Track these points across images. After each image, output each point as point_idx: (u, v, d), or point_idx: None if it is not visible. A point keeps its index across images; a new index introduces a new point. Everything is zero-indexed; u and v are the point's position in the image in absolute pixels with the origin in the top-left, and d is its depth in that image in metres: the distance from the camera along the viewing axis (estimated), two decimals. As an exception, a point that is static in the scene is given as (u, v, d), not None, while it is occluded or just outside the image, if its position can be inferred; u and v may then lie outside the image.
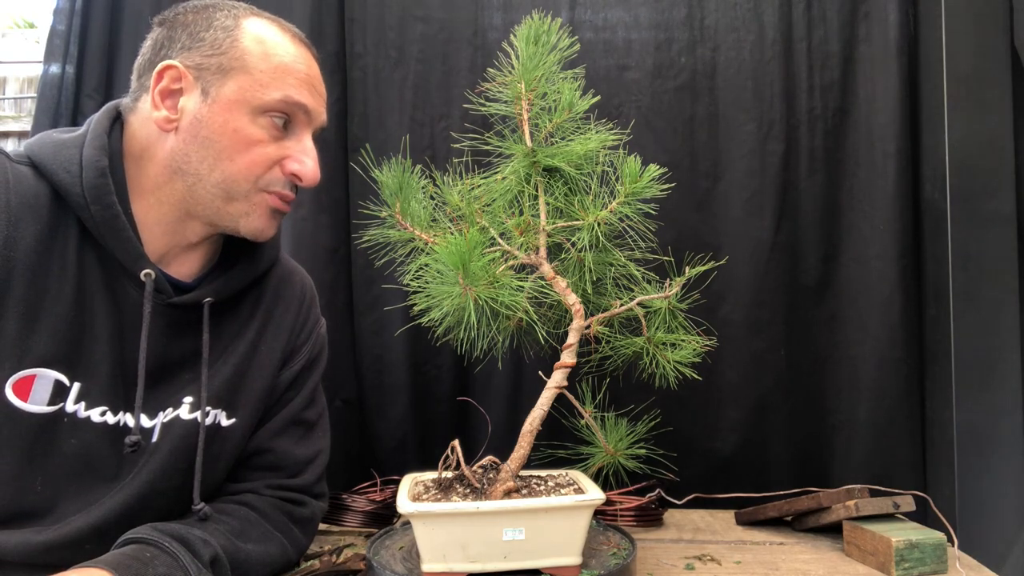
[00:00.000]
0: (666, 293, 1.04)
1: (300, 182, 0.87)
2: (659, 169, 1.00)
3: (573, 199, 1.03)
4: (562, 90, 1.02)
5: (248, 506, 0.91)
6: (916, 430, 1.35)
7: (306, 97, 0.85)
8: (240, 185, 0.83)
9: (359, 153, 1.45)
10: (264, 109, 0.83)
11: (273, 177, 0.85)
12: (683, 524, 1.24)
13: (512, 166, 1.02)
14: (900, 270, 1.35)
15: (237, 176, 0.83)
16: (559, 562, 0.87)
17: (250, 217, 0.85)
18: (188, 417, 0.87)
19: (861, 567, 1.01)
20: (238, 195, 0.84)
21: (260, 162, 0.83)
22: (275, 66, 0.83)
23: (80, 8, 1.42)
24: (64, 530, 0.79)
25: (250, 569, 0.85)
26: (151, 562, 0.74)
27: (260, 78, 0.82)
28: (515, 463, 0.94)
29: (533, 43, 1.01)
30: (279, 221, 0.90)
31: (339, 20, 1.46)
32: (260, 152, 0.83)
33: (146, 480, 0.83)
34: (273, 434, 0.97)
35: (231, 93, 0.81)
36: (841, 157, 1.41)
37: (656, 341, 1.04)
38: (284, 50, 0.85)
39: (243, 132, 0.82)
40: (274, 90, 0.83)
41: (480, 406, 1.32)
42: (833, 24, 1.41)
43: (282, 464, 0.97)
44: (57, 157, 0.80)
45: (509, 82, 1.03)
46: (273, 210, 0.87)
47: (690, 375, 1.03)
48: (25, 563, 0.78)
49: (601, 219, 0.99)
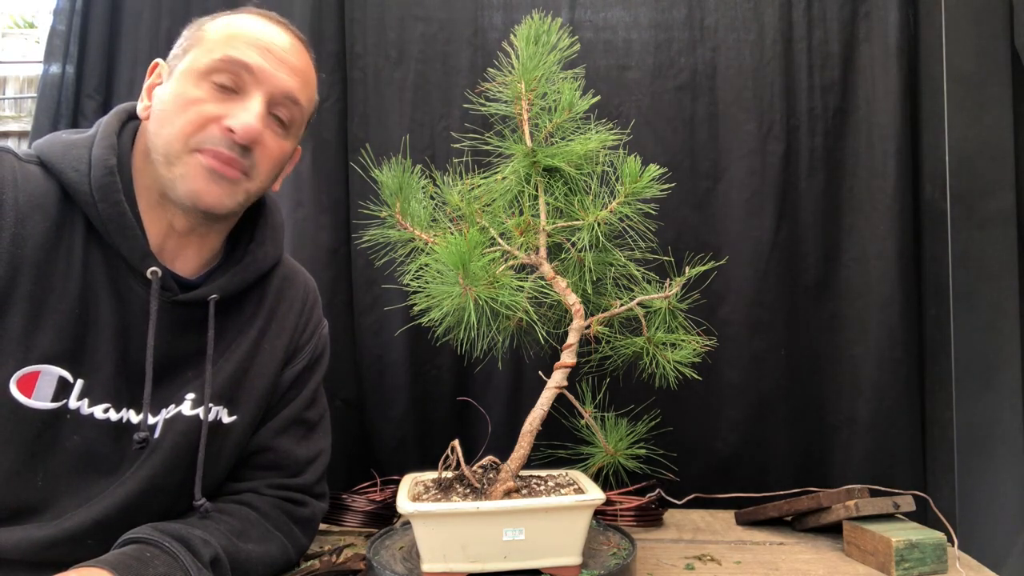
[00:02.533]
0: (666, 293, 1.04)
1: (234, 135, 0.83)
2: (659, 169, 1.00)
3: (573, 199, 1.02)
4: (562, 90, 1.02)
5: (249, 506, 0.92)
6: (916, 430, 1.35)
7: (251, 57, 0.84)
8: (174, 146, 0.82)
9: (359, 153, 1.45)
10: (207, 71, 0.83)
11: (207, 135, 0.83)
12: (683, 524, 1.24)
13: (512, 166, 1.02)
14: (900, 270, 1.35)
15: (171, 137, 0.82)
16: (559, 562, 0.87)
17: (185, 179, 0.83)
18: (190, 413, 0.87)
19: (861, 567, 1.01)
20: (173, 157, 0.82)
21: (193, 120, 0.82)
22: (228, 34, 0.85)
23: (80, 8, 1.42)
24: (65, 525, 0.79)
25: (251, 569, 0.86)
26: (151, 562, 0.74)
27: (208, 46, 0.84)
28: (515, 463, 0.94)
29: (533, 43, 1.01)
30: (224, 188, 0.85)
31: (339, 20, 1.46)
32: (195, 110, 0.82)
33: (147, 476, 0.84)
34: (275, 433, 0.97)
35: (184, 66, 0.85)
36: (841, 157, 1.41)
37: (656, 341, 1.04)
38: (243, 23, 0.87)
39: (184, 95, 0.83)
40: (217, 52, 0.84)
41: (480, 406, 1.32)
42: (833, 24, 1.41)
43: (283, 463, 0.97)
44: (66, 156, 0.82)
45: (509, 82, 1.03)
46: (209, 171, 0.83)
47: (690, 375, 1.03)
48: (26, 560, 0.78)
49: (601, 219, 1.00)
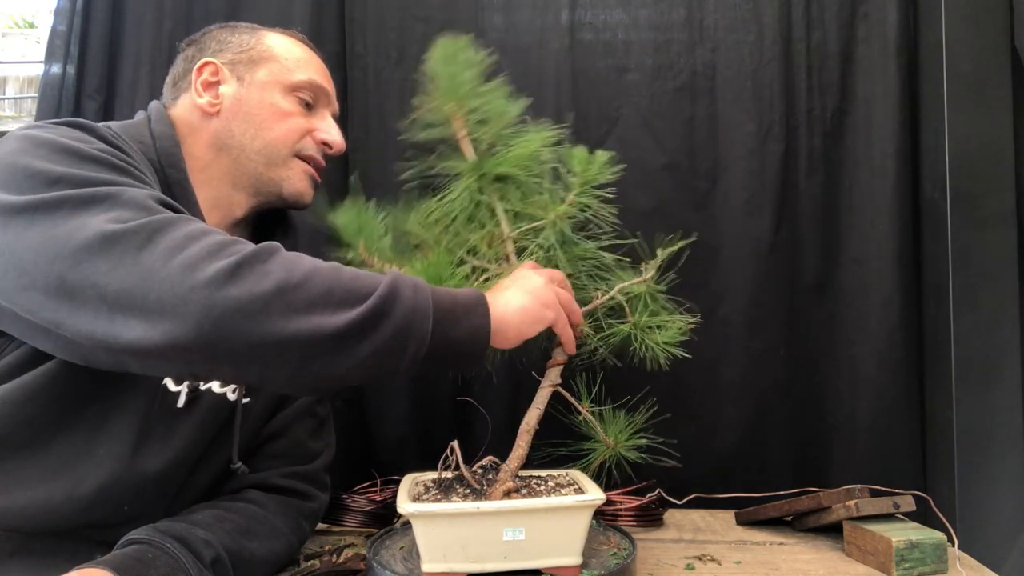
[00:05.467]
0: (643, 277, 1.05)
1: (330, 150, 1.02)
2: (609, 153, 1.03)
3: (530, 201, 1.04)
4: (492, 100, 1.04)
5: (255, 503, 0.93)
6: (916, 430, 1.35)
7: (325, 82, 1.02)
8: (279, 150, 0.96)
9: (359, 153, 1.45)
10: (293, 88, 0.98)
11: (306, 144, 0.99)
12: (683, 524, 1.24)
13: (463, 182, 1.03)
14: (900, 270, 1.35)
15: (276, 142, 0.96)
16: (559, 562, 0.87)
17: (291, 180, 0.98)
18: (219, 391, 0.92)
19: (861, 567, 1.01)
20: (278, 160, 0.96)
21: (295, 130, 0.97)
22: (297, 57, 1.00)
23: (80, 8, 1.42)
24: (102, 479, 0.80)
25: (254, 568, 0.86)
26: (153, 563, 0.74)
27: (287, 64, 0.98)
28: (514, 463, 0.94)
29: (453, 62, 1.02)
30: (313, 187, 1.02)
31: (339, 20, 1.46)
32: (293, 122, 0.97)
33: (182, 446, 0.88)
34: (288, 420, 1.02)
35: (264, 76, 0.97)
36: (841, 157, 1.41)
37: (642, 325, 1.04)
38: (300, 48, 1.02)
39: (277, 106, 0.96)
40: (300, 73, 0.98)
41: (480, 406, 1.32)
42: (832, 25, 1.41)
43: (295, 452, 1.01)
44: (128, 131, 0.87)
45: (436, 106, 1.04)
46: (310, 175, 1.00)
47: (680, 355, 1.03)
48: (56, 530, 0.79)
49: (562, 213, 1.02)
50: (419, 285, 0.75)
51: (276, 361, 0.67)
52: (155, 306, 0.63)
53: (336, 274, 0.71)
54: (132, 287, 0.64)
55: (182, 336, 0.63)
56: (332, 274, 0.70)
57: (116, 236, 0.65)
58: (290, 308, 0.66)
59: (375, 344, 0.69)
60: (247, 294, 0.64)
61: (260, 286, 0.65)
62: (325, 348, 0.67)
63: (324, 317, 0.67)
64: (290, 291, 0.66)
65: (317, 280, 0.68)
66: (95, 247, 0.65)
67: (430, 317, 0.73)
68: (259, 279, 0.66)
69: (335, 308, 0.68)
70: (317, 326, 0.66)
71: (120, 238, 0.65)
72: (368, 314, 0.69)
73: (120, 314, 0.64)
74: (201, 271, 0.64)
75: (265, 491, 0.96)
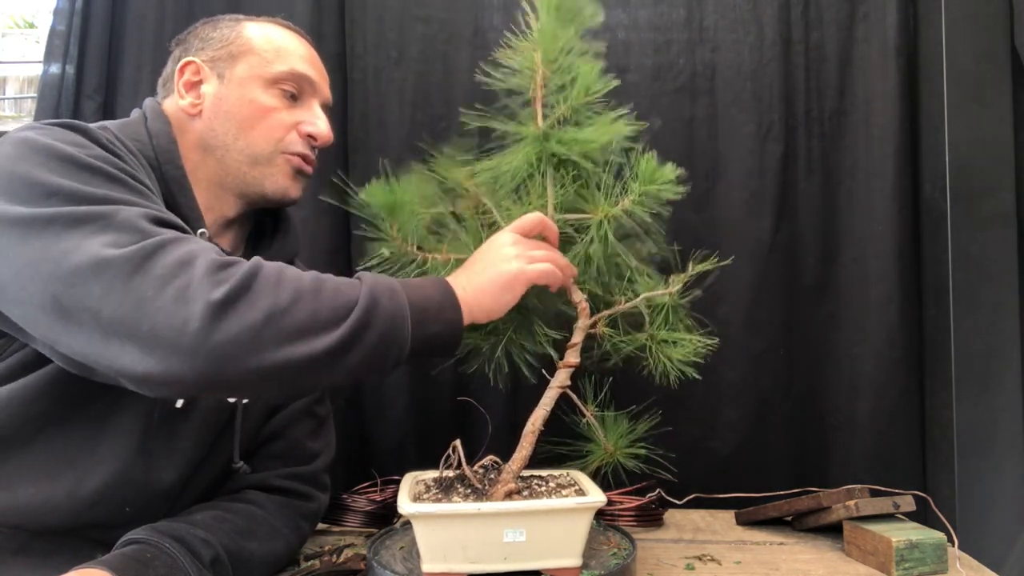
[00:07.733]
0: (669, 289, 1.03)
1: (316, 142, 0.97)
2: (676, 170, 0.96)
3: (583, 191, 0.98)
4: (580, 68, 0.94)
5: (255, 504, 0.93)
6: (916, 430, 1.35)
7: (309, 70, 0.97)
8: (262, 148, 0.93)
9: (359, 153, 1.45)
10: (274, 80, 0.94)
11: (291, 139, 0.95)
12: (683, 524, 1.24)
13: (522, 151, 0.96)
14: (899, 270, 1.35)
15: (258, 140, 0.93)
16: (560, 563, 0.87)
17: (274, 177, 0.94)
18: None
19: (861, 567, 1.01)
20: (261, 159, 0.93)
21: (277, 126, 0.94)
22: (277, 46, 0.95)
23: (80, 8, 1.41)
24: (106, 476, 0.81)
25: (253, 568, 0.86)
26: (151, 563, 0.74)
27: (266, 56, 0.94)
28: (516, 464, 0.93)
29: (555, 9, 0.93)
30: (302, 184, 0.99)
31: (339, 21, 1.46)
32: (276, 118, 0.94)
33: (185, 446, 0.88)
34: (287, 421, 1.02)
35: (243, 72, 0.93)
36: (840, 157, 1.41)
37: (658, 339, 1.03)
38: (282, 36, 0.97)
39: (258, 102, 0.93)
40: (280, 64, 0.94)
41: (480, 406, 1.32)
42: (831, 25, 1.41)
43: (294, 453, 1.01)
44: (124, 130, 0.87)
45: (524, 49, 0.96)
46: (295, 171, 0.96)
47: (691, 375, 1.02)
48: (58, 528, 0.79)
49: (612, 215, 0.96)
50: (394, 289, 0.77)
51: (269, 384, 0.69)
52: (148, 337, 0.64)
53: (318, 291, 0.72)
54: (125, 315, 0.65)
55: (177, 368, 0.64)
56: (314, 291, 0.71)
57: (108, 261, 0.66)
58: (281, 335, 0.67)
59: (361, 354, 0.72)
60: (238, 327, 0.65)
61: (250, 316, 0.66)
62: (316, 366, 0.69)
63: (313, 341, 0.69)
64: (279, 317, 0.67)
65: (302, 303, 0.69)
66: (88, 271, 0.66)
67: (408, 319, 0.76)
68: (248, 308, 0.66)
69: (321, 330, 0.69)
70: (308, 350, 0.68)
71: (111, 263, 0.66)
72: (353, 329, 0.71)
73: (116, 339, 0.65)
74: (193, 303, 0.65)
75: (265, 492, 0.96)
